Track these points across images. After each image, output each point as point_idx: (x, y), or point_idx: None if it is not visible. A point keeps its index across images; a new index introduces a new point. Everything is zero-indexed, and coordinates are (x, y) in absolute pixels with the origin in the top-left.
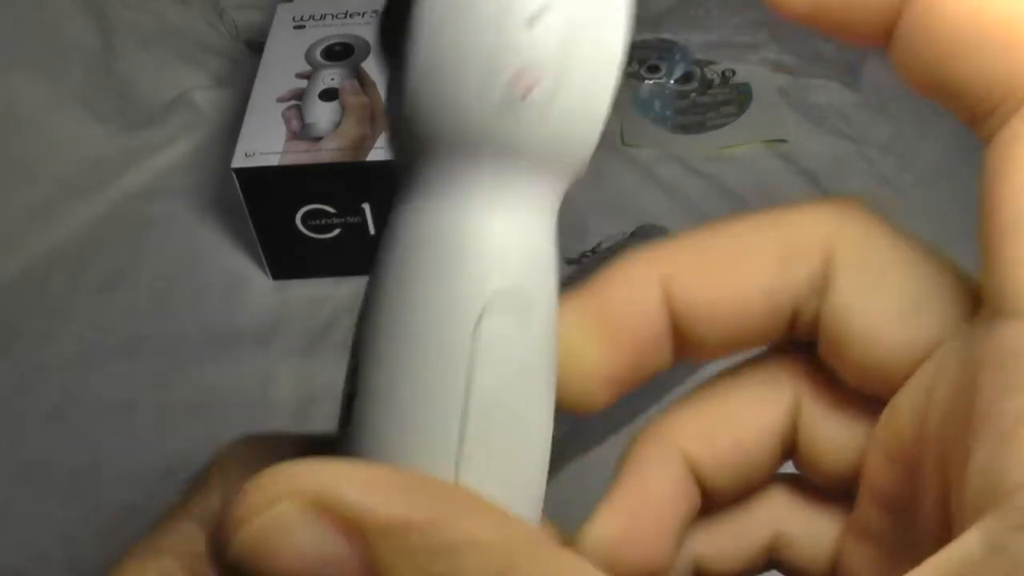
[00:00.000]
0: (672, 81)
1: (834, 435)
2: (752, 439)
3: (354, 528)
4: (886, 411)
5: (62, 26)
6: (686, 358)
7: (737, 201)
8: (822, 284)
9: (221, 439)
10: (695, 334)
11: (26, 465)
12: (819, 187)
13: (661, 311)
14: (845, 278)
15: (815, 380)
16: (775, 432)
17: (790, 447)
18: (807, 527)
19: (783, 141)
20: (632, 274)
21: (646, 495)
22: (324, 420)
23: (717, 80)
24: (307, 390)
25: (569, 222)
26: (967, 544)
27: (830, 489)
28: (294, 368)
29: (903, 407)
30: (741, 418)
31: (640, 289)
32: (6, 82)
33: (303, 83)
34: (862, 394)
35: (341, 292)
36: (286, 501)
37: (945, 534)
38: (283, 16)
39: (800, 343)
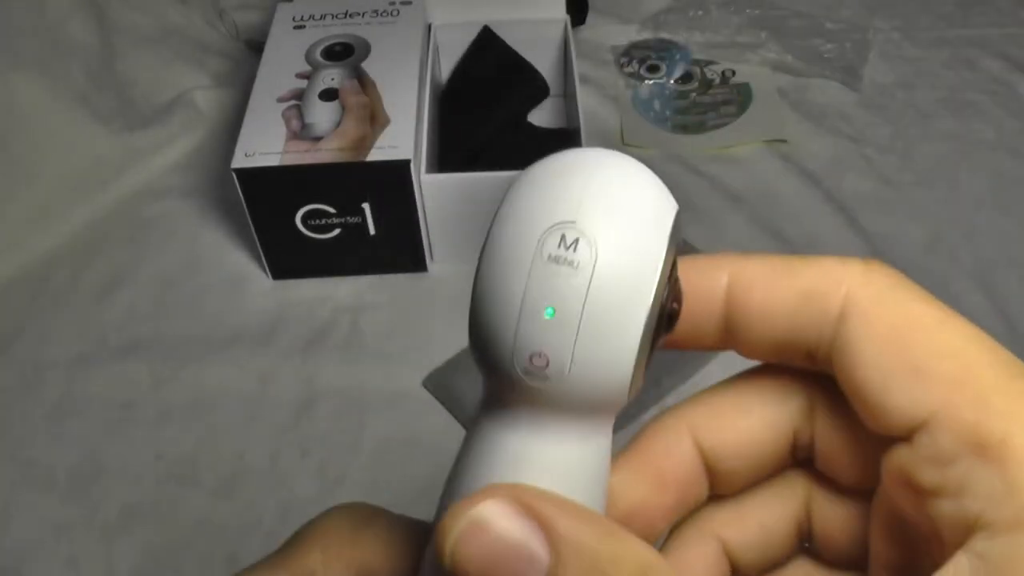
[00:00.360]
0: (672, 81)
1: (840, 517)
2: (774, 522)
3: (547, 528)
4: (879, 490)
5: (62, 26)
6: (721, 492)
7: (737, 201)
8: (811, 415)
9: (221, 439)
10: (723, 468)
11: (26, 465)
12: (819, 187)
13: (694, 455)
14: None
15: (821, 479)
16: (793, 517)
17: (806, 532)
18: None
19: (783, 141)
20: (665, 430)
21: (687, 569)
22: (324, 420)
23: (717, 80)
24: (307, 390)
25: None
26: (958, 561)
27: (843, 565)
28: (294, 368)
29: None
30: (765, 507)
31: (674, 441)
32: (6, 82)
33: (303, 83)
34: (859, 485)
35: (341, 292)
36: (491, 500)
37: None
38: (283, 16)
39: (803, 457)
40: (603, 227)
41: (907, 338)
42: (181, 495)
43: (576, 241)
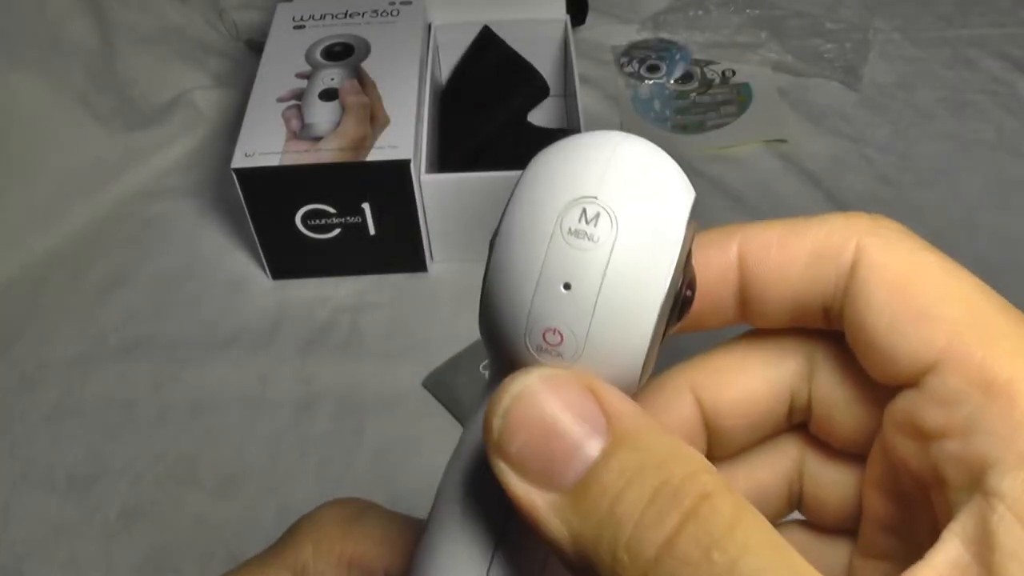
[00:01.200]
0: (672, 81)
1: (832, 480)
2: (766, 484)
3: (609, 412)
4: (875, 447)
5: (62, 26)
6: (718, 454)
7: (737, 201)
8: (810, 375)
9: (221, 439)
10: (722, 426)
11: (26, 465)
12: (819, 187)
13: (695, 412)
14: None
15: (813, 443)
16: (784, 481)
17: (797, 497)
18: (821, 553)
19: (783, 141)
20: (668, 386)
21: None
22: (324, 420)
23: (717, 80)
24: (307, 390)
25: None
26: (973, 503)
27: (832, 531)
28: (294, 368)
29: (889, 446)
30: (758, 468)
31: (675, 398)
32: (6, 82)
33: (303, 83)
34: (854, 447)
35: (341, 292)
36: (556, 371)
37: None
38: (283, 16)
39: (797, 421)
40: (625, 204)
41: (916, 284)
42: (181, 495)
43: (597, 216)
